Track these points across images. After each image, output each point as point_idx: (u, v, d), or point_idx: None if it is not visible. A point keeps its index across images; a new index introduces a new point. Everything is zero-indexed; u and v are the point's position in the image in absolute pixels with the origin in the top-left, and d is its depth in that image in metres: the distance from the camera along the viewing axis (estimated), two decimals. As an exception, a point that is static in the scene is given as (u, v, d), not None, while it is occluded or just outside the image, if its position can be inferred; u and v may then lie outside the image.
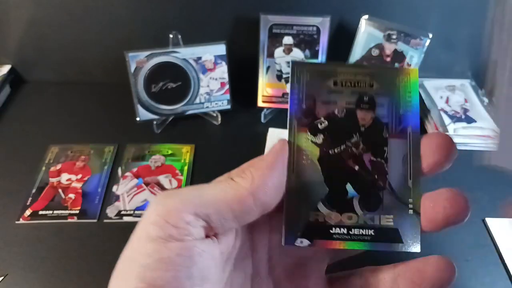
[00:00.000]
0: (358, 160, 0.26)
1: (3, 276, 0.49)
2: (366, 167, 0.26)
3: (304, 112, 0.26)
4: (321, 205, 0.25)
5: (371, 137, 0.26)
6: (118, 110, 0.73)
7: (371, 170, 0.26)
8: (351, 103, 0.26)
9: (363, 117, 0.26)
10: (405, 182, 0.25)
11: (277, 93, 0.71)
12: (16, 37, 0.75)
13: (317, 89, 0.27)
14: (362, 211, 0.25)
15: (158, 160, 0.65)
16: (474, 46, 0.75)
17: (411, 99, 0.27)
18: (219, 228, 0.23)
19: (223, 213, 0.22)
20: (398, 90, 0.27)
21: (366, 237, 0.25)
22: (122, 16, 0.72)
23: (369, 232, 0.25)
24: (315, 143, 0.26)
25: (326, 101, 0.27)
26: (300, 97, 0.27)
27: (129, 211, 0.57)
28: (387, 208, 0.25)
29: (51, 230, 0.55)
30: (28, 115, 0.74)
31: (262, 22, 0.68)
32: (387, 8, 0.70)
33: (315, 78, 0.27)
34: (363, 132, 0.26)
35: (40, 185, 0.60)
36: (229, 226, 0.23)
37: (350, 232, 0.25)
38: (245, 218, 0.23)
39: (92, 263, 0.50)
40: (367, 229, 0.25)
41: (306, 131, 0.26)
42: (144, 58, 0.66)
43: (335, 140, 0.26)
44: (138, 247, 0.21)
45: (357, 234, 0.25)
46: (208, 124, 0.72)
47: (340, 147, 0.26)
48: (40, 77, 0.80)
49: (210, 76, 0.69)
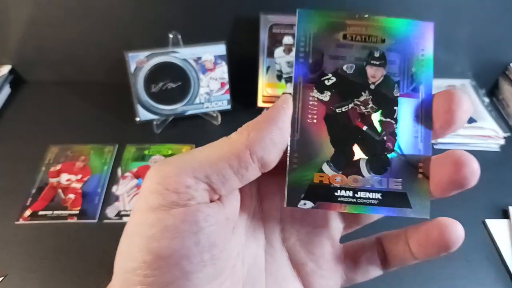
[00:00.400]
0: (366, 120, 0.24)
1: (3, 276, 0.49)
2: (375, 127, 0.24)
3: (311, 67, 0.25)
4: (326, 166, 0.24)
5: (381, 96, 0.25)
6: (118, 110, 0.73)
7: (380, 131, 0.24)
8: (361, 59, 0.25)
9: (373, 74, 0.25)
10: (416, 144, 0.24)
11: (277, 93, 0.71)
12: (16, 37, 0.75)
13: (325, 42, 0.25)
14: (370, 174, 0.24)
15: (158, 160, 0.65)
16: (474, 46, 0.75)
17: (425, 56, 0.25)
18: (221, 189, 0.21)
19: (222, 171, 0.21)
20: (411, 46, 0.25)
21: (372, 200, 0.24)
22: (122, 16, 0.72)
23: (376, 196, 0.24)
24: (321, 100, 0.24)
25: (334, 56, 0.25)
26: (307, 51, 0.25)
27: (129, 212, 0.57)
28: (395, 171, 0.24)
29: (51, 230, 0.55)
30: (28, 115, 0.74)
31: (262, 22, 0.68)
32: (387, 8, 0.70)
33: (323, 30, 0.25)
34: (372, 90, 0.25)
35: (40, 186, 0.60)
36: (231, 186, 0.22)
37: (356, 195, 0.24)
38: (246, 175, 0.22)
39: (92, 263, 0.50)
40: (374, 192, 0.24)
41: (312, 87, 0.25)
42: (144, 58, 0.65)
43: (342, 98, 0.24)
44: (140, 219, 0.20)
45: (363, 197, 0.24)
46: (208, 124, 0.72)
47: (348, 105, 0.24)
48: (40, 77, 0.80)
49: (210, 76, 0.69)
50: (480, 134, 0.67)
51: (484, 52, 0.76)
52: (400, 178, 0.24)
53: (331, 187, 0.24)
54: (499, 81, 0.78)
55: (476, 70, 0.78)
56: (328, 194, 0.24)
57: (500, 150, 0.68)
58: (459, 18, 0.72)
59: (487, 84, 0.79)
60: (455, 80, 0.77)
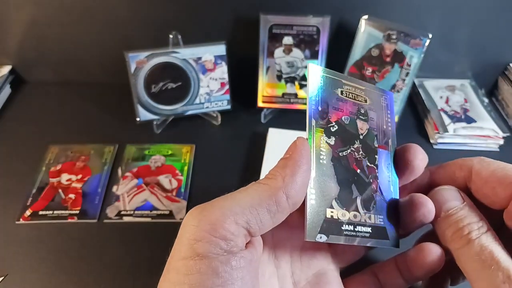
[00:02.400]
0: (359, 164, 0.28)
1: (3, 276, 0.49)
2: (365, 171, 0.28)
3: (320, 114, 0.28)
4: (335, 203, 0.27)
5: (367, 145, 0.29)
6: (118, 110, 0.73)
7: (368, 174, 0.28)
8: (353, 113, 0.29)
9: (361, 127, 0.29)
10: (389, 187, 0.28)
11: (277, 93, 0.71)
12: (16, 37, 0.75)
13: (329, 95, 0.29)
14: (363, 210, 0.27)
15: (158, 160, 0.65)
16: (474, 46, 0.75)
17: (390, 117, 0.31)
18: (257, 233, 0.23)
19: (261, 216, 0.22)
20: (382, 108, 0.31)
21: (365, 234, 0.27)
22: (122, 16, 0.72)
23: (367, 230, 0.27)
24: (329, 143, 0.28)
25: (335, 108, 0.29)
26: (317, 100, 0.29)
27: (129, 211, 0.57)
28: (378, 209, 0.28)
29: (51, 230, 0.55)
30: (28, 115, 0.74)
31: (262, 22, 0.68)
32: (387, 8, 0.70)
33: (328, 84, 0.29)
34: (361, 140, 0.29)
35: (40, 185, 0.60)
36: (266, 229, 0.23)
37: (355, 229, 0.27)
38: (279, 218, 0.23)
39: (92, 263, 0.50)
40: (367, 226, 0.27)
41: (322, 132, 0.28)
42: (144, 58, 0.66)
43: (343, 143, 0.28)
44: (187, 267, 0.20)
45: (360, 231, 0.27)
46: (208, 124, 0.72)
47: (346, 150, 0.28)
48: (40, 77, 0.80)
49: (210, 76, 0.69)
50: (479, 134, 0.67)
51: (484, 52, 0.76)
52: (381, 214, 0.28)
53: (339, 222, 0.27)
54: (498, 81, 0.78)
55: (476, 70, 0.78)
56: (337, 228, 0.26)
57: (500, 150, 0.68)
58: (459, 18, 0.72)
59: (487, 84, 0.79)
60: (454, 80, 0.77)
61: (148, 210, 0.57)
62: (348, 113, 0.29)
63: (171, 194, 0.60)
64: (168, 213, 0.57)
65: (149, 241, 0.53)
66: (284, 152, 0.26)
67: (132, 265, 0.50)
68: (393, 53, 0.68)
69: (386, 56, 0.68)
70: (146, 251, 0.52)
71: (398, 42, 0.67)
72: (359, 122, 0.29)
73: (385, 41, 0.68)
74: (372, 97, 0.30)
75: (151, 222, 0.56)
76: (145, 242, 0.53)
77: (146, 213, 0.57)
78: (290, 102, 0.72)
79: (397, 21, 0.67)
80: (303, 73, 0.71)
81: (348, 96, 0.29)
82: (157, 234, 0.54)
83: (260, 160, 0.62)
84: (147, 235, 0.54)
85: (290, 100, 0.72)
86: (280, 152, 0.26)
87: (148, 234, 0.54)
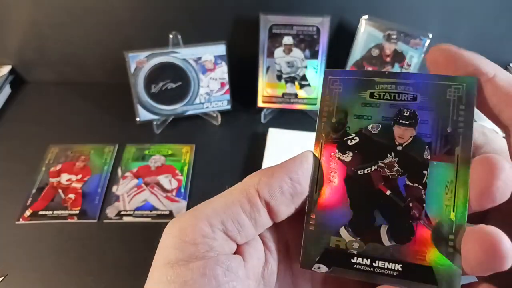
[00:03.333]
0: (390, 184, 0.23)
1: (3, 276, 0.49)
2: (400, 192, 0.22)
3: (333, 126, 0.24)
4: (343, 230, 0.23)
5: (409, 158, 0.23)
6: (118, 110, 0.73)
7: (405, 196, 0.22)
8: (388, 118, 0.23)
9: (401, 135, 0.23)
10: (447, 214, 0.21)
11: (277, 93, 0.71)
12: (16, 37, 0.75)
13: (351, 101, 0.24)
14: (390, 242, 0.22)
15: (158, 160, 0.65)
16: (474, 46, 0.75)
17: (464, 114, 0.23)
18: (237, 236, 0.21)
19: (236, 216, 0.21)
20: (447, 104, 0.23)
21: (391, 271, 0.22)
22: (122, 16, 0.72)
23: (396, 267, 0.22)
24: (342, 161, 0.23)
25: (359, 115, 0.24)
26: (331, 110, 0.24)
27: (129, 211, 0.57)
28: (420, 242, 0.21)
29: (51, 230, 0.55)
30: (28, 115, 0.74)
31: (262, 22, 0.68)
32: (387, 8, 0.70)
33: (349, 89, 0.24)
34: (399, 152, 0.23)
35: (40, 186, 0.60)
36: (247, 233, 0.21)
37: (373, 264, 0.22)
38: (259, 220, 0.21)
39: (92, 263, 0.50)
40: (394, 263, 0.22)
41: (335, 147, 0.24)
42: (144, 58, 0.66)
43: (366, 159, 0.23)
44: (159, 277, 0.20)
45: (382, 267, 0.22)
46: (208, 124, 0.72)
47: (371, 167, 0.23)
48: (40, 77, 0.80)
49: (210, 76, 0.69)
50: (480, 134, 0.67)
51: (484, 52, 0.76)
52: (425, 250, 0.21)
53: (348, 253, 0.22)
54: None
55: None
56: (344, 260, 0.22)
57: (500, 150, 0.68)
58: (459, 18, 0.72)
59: (487, 84, 0.79)
60: (455, 80, 0.77)
61: (148, 210, 0.57)
62: (380, 118, 0.23)
63: (171, 194, 0.60)
64: (168, 213, 0.57)
65: (149, 241, 0.53)
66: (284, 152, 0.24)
67: (132, 265, 0.50)
68: (393, 53, 0.68)
69: (386, 56, 0.68)
70: (146, 251, 0.51)
71: (398, 42, 0.67)
72: (397, 128, 0.23)
73: (385, 41, 0.68)
74: (427, 91, 0.23)
75: (151, 222, 0.56)
76: (145, 242, 0.53)
77: (146, 213, 0.57)
78: (290, 102, 0.72)
79: (397, 21, 0.67)
80: (303, 73, 0.71)
81: (383, 97, 0.24)
82: (157, 234, 0.53)
83: (260, 160, 0.62)
84: (147, 235, 0.54)
85: (290, 100, 0.72)
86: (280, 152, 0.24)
87: (148, 234, 0.54)
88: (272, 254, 0.24)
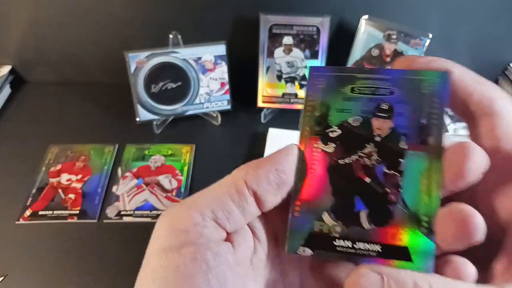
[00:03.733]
0: (370, 172, 0.24)
1: (3, 276, 0.49)
2: (378, 179, 0.24)
3: (317, 120, 0.26)
4: (326, 216, 0.24)
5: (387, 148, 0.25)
6: (118, 110, 0.73)
7: (384, 183, 0.24)
8: (367, 111, 0.25)
9: (379, 127, 0.25)
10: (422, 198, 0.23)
11: (277, 93, 0.71)
12: (16, 37, 0.75)
13: (333, 96, 0.26)
14: (370, 225, 0.24)
15: (158, 160, 0.65)
16: (474, 46, 0.75)
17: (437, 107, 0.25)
18: (226, 224, 0.22)
19: (225, 205, 0.22)
20: (422, 97, 0.25)
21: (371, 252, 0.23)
22: (122, 16, 0.72)
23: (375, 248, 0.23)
24: (325, 151, 0.25)
25: (341, 109, 0.26)
26: (315, 105, 0.26)
27: (129, 211, 0.57)
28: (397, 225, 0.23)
29: (51, 230, 0.55)
30: (28, 115, 0.74)
31: (262, 22, 0.68)
32: (387, 8, 0.70)
33: (332, 84, 0.26)
34: (378, 142, 0.25)
35: (40, 186, 0.60)
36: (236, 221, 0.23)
37: (354, 245, 0.24)
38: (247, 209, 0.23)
39: (92, 263, 0.50)
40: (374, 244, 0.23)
41: (318, 139, 0.25)
42: (144, 58, 0.66)
43: (347, 149, 0.25)
44: (153, 263, 0.21)
45: (362, 248, 0.23)
46: (208, 124, 0.72)
47: (351, 157, 0.25)
48: (40, 77, 0.80)
49: (210, 76, 0.69)
50: (480, 134, 0.67)
51: (484, 52, 0.76)
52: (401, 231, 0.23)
53: (330, 236, 0.24)
54: (499, 81, 0.78)
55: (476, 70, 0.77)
56: (327, 243, 0.24)
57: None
58: (459, 18, 0.72)
59: (487, 84, 0.79)
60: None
61: (148, 210, 0.57)
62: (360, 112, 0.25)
63: (171, 194, 0.60)
64: (168, 213, 0.57)
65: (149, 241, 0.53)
66: None
67: (132, 265, 0.50)
68: (393, 53, 0.68)
69: (386, 56, 0.68)
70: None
71: (398, 42, 0.67)
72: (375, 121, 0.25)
73: (385, 41, 0.68)
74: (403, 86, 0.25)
75: (151, 222, 0.56)
76: (145, 242, 0.53)
77: (146, 213, 0.57)
78: (290, 102, 0.72)
79: (397, 21, 0.67)
80: (303, 73, 0.71)
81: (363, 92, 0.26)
82: (157, 234, 0.54)
83: (260, 160, 0.62)
84: (147, 235, 0.54)
85: (290, 100, 0.72)
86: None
87: (148, 234, 0.54)
88: (261, 243, 0.25)
